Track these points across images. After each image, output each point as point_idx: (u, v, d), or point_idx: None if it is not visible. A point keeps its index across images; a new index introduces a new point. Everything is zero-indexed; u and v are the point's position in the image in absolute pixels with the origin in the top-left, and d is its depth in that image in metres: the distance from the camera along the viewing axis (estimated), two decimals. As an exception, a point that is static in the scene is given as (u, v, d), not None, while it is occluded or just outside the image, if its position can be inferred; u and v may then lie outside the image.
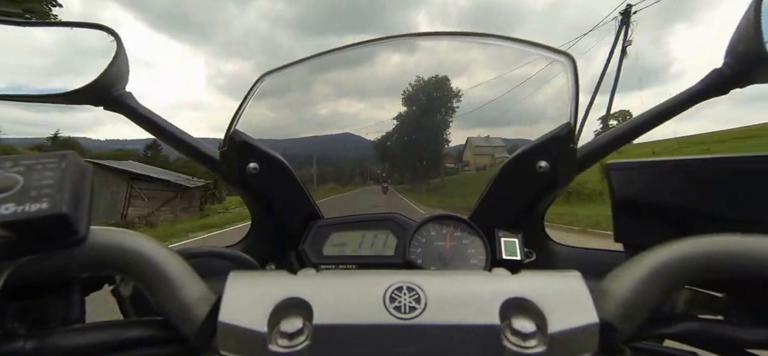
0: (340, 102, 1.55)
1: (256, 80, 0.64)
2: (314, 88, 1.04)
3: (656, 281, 0.30)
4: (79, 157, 0.28)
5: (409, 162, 3.25)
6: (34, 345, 0.30)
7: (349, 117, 1.94)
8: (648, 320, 0.30)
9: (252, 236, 0.68)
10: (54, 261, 0.30)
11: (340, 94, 1.45)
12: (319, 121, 1.47)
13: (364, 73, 1.00)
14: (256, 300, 0.28)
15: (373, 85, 1.77)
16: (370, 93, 1.99)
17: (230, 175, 0.61)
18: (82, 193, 0.28)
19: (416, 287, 0.29)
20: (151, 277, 0.32)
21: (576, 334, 0.27)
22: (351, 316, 0.27)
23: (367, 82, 1.43)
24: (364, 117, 1.95)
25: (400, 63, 0.78)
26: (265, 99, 0.65)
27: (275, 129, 1.26)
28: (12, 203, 0.25)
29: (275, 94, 0.69)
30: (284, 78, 0.67)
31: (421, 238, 0.60)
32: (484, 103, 1.99)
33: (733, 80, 0.46)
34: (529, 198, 0.59)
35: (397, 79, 1.23)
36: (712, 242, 0.30)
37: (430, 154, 3.29)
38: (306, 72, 0.70)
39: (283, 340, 0.27)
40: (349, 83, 1.40)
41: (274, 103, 0.76)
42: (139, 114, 0.57)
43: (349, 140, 2.86)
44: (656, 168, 0.44)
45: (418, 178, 3.75)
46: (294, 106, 1.15)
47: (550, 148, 0.56)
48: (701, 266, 0.30)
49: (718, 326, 0.31)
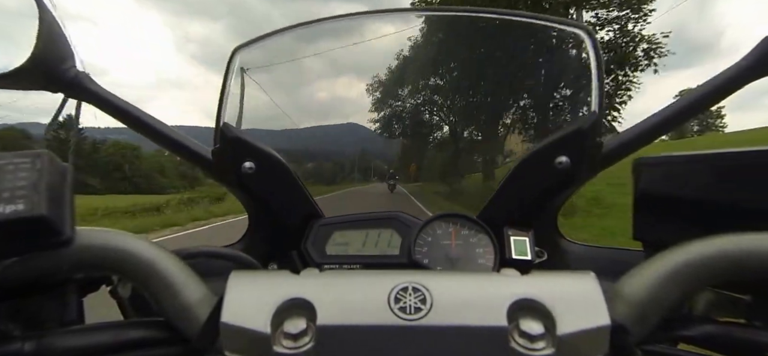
0: (338, 82, 1.46)
1: (230, 56, 0.58)
2: (303, 63, 0.95)
3: (675, 282, 0.29)
4: (55, 157, 0.28)
5: (434, 151, 2.99)
6: (32, 346, 0.30)
7: (351, 102, 1.84)
8: (664, 322, 0.29)
9: (250, 235, 0.67)
10: (41, 262, 0.30)
11: (337, 71, 1.34)
12: (317, 107, 1.37)
13: (361, 47, 0.90)
14: (259, 300, 0.28)
15: (375, 60, 1.61)
16: (371, 71, 1.84)
17: (225, 176, 0.58)
18: (62, 194, 0.27)
19: (422, 287, 0.28)
20: (147, 278, 0.31)
21: (586, 336, 0.26)
22: (355, 317, 0.27)
23: (365, 58, 1.30)
24: (367, 102, 1.85)
25: (406, 37, 0.70)
26: (250, 82, 0.60)
27: (268, 118, 1.21)
28: None
29: (261, 72, 0.63)
30: (264, 52, 0.61)
31: (426, 237, 0.59)
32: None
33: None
34: (543, 194, 0.56)
35: (402, 54, 1.13)
36: (737, 241, 0.29)
37: (468, 140, 2.96)
38: (289, 43, 0.62)
39: (287, 341, 0.27)
40: (345, 59, 1.31)
41: (261, 82, 0.70)
42: (107, 101, 0.52)
43: (354, 131, 2.75)
44: (684, 162, 0.41)
45: (448, 173, 3.27)
46: (285, 86, 1.08)
47: (572, 142, 0.51)
48: (724, 267, 0.28)
49: (739, 330, 0.30)
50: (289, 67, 10.40)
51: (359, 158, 13.78)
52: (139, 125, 0.55)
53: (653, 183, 0.42)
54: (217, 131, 0.57)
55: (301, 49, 3.28)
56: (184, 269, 0.32)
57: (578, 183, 0.54)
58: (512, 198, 0.59)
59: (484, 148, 11.03)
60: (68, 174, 0.28)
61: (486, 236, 0.58)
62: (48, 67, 0.46)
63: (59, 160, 0.28)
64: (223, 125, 0.56)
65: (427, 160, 16.54)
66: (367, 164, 13.19)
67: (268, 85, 5.70)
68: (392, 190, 5.85)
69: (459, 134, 14.22)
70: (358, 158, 13.58)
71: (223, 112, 0.57)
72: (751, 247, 0.28)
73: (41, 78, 0.47)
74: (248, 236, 0.67)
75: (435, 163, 15.97)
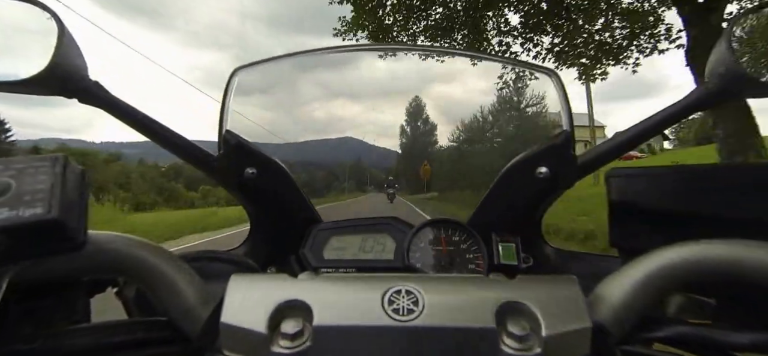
0: (334, 103, 1.52)
1: (230, 75, 0.62)
2: (300, 87, 1.01)
3: (650, 286, 0.31)
4: (71, 162, 0.28)
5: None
6: (41, 344, 0.30)
7: (347, 120, 1.88)
8: (639, 324, 0.31)
9: (252, 240, 0.68)
10: (56, 264, 0.30)
11: (332, 94, 1.41)
12: (314, 123, 1.43)
13: (353, 75, 0.97)
14: (258, 302, 0.29)
15: (366, 87, 1.69)
16: (365, 95, 1.91)
17: (228, 180, 0.60)
18: (77, 198, 0.27)
19: (414, 290, 0.29)
20: (153, 280, 0.32)
21: (569, 337, 0.27)
22: (350, 318, 0.28)
23: (359, 85, 1.37)
24: (363, 120, 1.91)
25: (390, 69, 0.76)
26: (249, 96, 0.63)
27: (269, 132, 1.24)
28: (6, 208, 0.24)
29: (260, 91, 0.67)
30: (264, 74, 0.65)
31: (419, 242, 0.61)
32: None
33: (718, 95, 0.47)
34: (527, 203, 0.60)
35: (389, 85, 1.22)
36: (701, 248, 0.31)
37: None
38: (287, 69, 0.68)
39: (284, 341, 0.27)
40: (338, 84, 1.38)
41: (262, 102, 0.74)
42: (117, 106, 0.54)
43: (350, 145, 2.73)
44: (653, 174, 0.46)
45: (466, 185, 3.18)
46: (284, 106, 1.13)
47: (549, 155, 0.57)
48: (691, 271, 0.30)
49: (706, 330, 0.32)
50: (287, 89, 10.43)
51: (354, 167, 13.46)
52: (149, 131, 0.57)
53: (625, 193, 0.46)
54: (221, 138, 0.59)
55: (298, 74, 3.37)
56: (187, 272, 0.34)
57: (558, 192, 0.59)
58: (499, 206, 0.62)
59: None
60: (84, 178, 0.29)
61: (476, 242, 0.60)
62: (64, 75, 0.49)
63: (76, 164, 0.28)
64: (226, 132, 0.59)
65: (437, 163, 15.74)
66: (362, 173, 12.88)
67: (269, 104, 5.82)
68: (391, 200, 5.57)
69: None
70: (352, 166, 13.28)
71: (225, 121, 0.59)
72: (715, 253, 0.30)
73: (58, 85, 0.50)
74: (250, 240, 0.68)
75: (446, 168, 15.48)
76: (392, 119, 19.52)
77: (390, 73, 44.27)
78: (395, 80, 42.24)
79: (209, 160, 0.60)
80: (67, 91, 0.51)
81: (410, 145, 19.00)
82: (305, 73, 28.84)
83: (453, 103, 21.97)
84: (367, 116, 33.97)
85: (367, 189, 3.71)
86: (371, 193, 3.36)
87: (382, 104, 34.48)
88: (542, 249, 0.65)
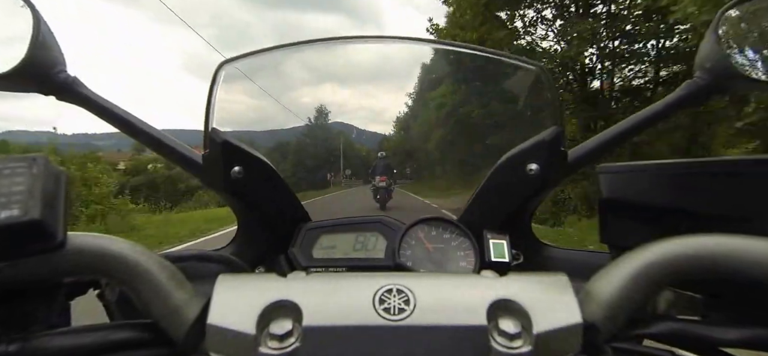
0: (322, 88, 1.49)
1: (216, 69, 0.60)
2: (288, 73, 0.99)
3: (639, 282, 0.31)
4: (50, 161, 0.28)
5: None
6: (17, 348, 0.29)
7: (337, 105, 1.82)
8: (629, 320, 0.31)
9: (239, 239, 0.67)
10: (34, 266, 0.30)
11: (321, 79, 1.39)
12: (302, 108, 1.41)
13: (340, 59, 0.96)
14: (246, 302, 0.29)
15: (355, 71, 1.66)
16: (354, 80, 1.85)
17: (214, 181, 0.59)
18: (56, 199, 0.27)
19: (406, 289, 0.29)
20: (136, 281, 0.31)
21: (560, 334, 0.28)
22: (340, 318, 0.28)
23: (347, 69, 1.35)
24: (354, 105, 1.84)
25: (379, 51, 0.77)
26: (235, 84, 0.61)
27: (256, 120, 1.21)
28: None
29: (246, 79, 0.66)
30: (249, 65, 0.63)
31: (410, 240, 0.61)
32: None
33: (708, 90, 0.48)
34: (518, 199, 0.60)
35: (380, 67, 1.20)
36: (690, 243, 0.31)
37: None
38: (276, 58, 0.66)
39: (272, 342, 0.27)
40: (328, 69, 1.35)
41: (249, 89, 0.73)
42: (97, 104, 0.52)
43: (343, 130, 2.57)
44: (642, 170, 0.46)
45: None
46: (271, 93, 1.11)
47: (539, 151, 0.57)
48: (680, 266, 0.31)
49: (695, 326, 0.32)
50: (274, 78, 10.11)
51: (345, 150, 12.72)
52: (130, 129, 0.55)
53: (615, 189, 0.46)
54: (206, 137, 0.57)
55: (285, 64, 3.27)
56: (172, 272, 0.33)
57: (549, 188, 0.59)
58: (490, 202, 0.62)
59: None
60: (63, 179, 0.28)
61: (467, 239, 0.60)
62: (40, 70, 0.47)
63: (55, 165, 0.28)
64: (212, 130, 0.57)
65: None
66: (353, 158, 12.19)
67: (255, 93, 5.70)
68: (383, 205, 2.28)
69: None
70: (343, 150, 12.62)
71: (211, 118, 0.57)
72: (704, 249, 0.30)
73: (33, 81, 0.47)
74: (237, 240, 0.67)
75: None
76: (384, 104, 19.21)
77: (381, 55, 43.28)
78: (385, 61, 41.91)
79: (195, 160, 0.58)
80: (43, 87, 0.49)
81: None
82: (292, 59, 28.17)
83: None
84: (358, 101, 33.29)
85: (347, 180, 2.57)
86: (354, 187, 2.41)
87: (370, 88, 34.12)
88: (533, 245, 0.65)
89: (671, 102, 0.50)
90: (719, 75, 0.45)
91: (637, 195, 0.45)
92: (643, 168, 0.46)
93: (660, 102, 0.52)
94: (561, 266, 0.35)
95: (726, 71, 0.44)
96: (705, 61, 0.46)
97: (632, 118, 0.54)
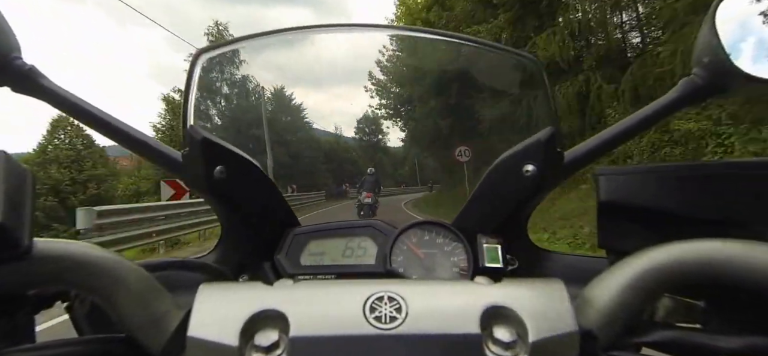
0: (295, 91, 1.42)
1: (193, 60, 0.56)
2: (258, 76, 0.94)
3: (637, 288, 0.30)
4: (12, 159, 0.25)
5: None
6: None
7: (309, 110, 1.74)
8: (627, 328, 0.30)
9: (223, 245, 0.64)
10: None
11: (289, 81, 1.33)
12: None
13: (312, 58, 0.90)
14: (229, 312, 0.27)
15: (326, 72, 1.58)
16: (326, 82, 1.78)
17: (196, 180, 0.55)
18: (21, 200, 0.25)
19: (397, 296, 0.28)
20: (111, 291, 0.30)
21: (556, 342, 0.27)
22: (330, 327, 0.27)
23: (319, 69, 1.26)
24: (326, 109, 1.80)
25: (352, 49, 0.71)
26: (210, 89, 0.57)
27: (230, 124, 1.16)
28: None
29: (220, 81, 0.62)
30: (223, 59, 0.61)
31: (402, 246, 0.60)
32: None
33: (706, 90, 0.47)
34: (514, 202, 0.59)
35: (353, 67, 1.15)
36: (689, 248, 0.30)
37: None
38: (248, 53, 0.64)
39: (257, 354, 0.26)
40: (297, 69, 1.31)
41: (222, 94, 0.68)
42: (59, 96, 0.47)
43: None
44: (643, 172, 0.45)
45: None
46: (244, 96, 1.07)
47: (535, 152, 0.55)
48: (679, 272, 0.30)
49: (694, 334, 0.32)
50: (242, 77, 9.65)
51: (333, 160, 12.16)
52: (97, 123, 0.51)
53: (613, 193, 0.45)
54: (185, 134, 0.53)
55: (259, 58, 3.16)
56: (150, 281, 0.31)
57: (545, 191, 0.58)
58: (485, 206, 0.60)
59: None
60: (28, 178, 0.26)
61: (460, 244, 0.59)
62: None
63: (18, 163, 0.26)
64: (190, 127, 0.53)
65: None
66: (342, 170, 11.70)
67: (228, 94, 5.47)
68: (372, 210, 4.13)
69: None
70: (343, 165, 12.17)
71: (189, 113, 0.53)
72: (704, 254, 0.30)
73: None
74: (221, 246, 0.64)
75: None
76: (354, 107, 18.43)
77: (353, 54, 39.22)
78: (357, 60, 36.88)
79: (174, 158, 0.54)
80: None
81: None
82: (265, 54, 25.97)
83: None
84: (331, 105, 32.32)
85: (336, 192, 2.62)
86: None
87: (343, 90, 32.77)
88: (528, 250, 0.64)
89: (668, 103, 0.50)
90: (717, 73, 0.44)
91: (636, 199, 0.44)
92: (641, 171, 0.46)
93: (656, 102, 0.51)
94: (557, 271, 0.34)
95: (724, 68, 0.43)
96: (702, 56, 0.45)
97: (629, 119, 0.53)
